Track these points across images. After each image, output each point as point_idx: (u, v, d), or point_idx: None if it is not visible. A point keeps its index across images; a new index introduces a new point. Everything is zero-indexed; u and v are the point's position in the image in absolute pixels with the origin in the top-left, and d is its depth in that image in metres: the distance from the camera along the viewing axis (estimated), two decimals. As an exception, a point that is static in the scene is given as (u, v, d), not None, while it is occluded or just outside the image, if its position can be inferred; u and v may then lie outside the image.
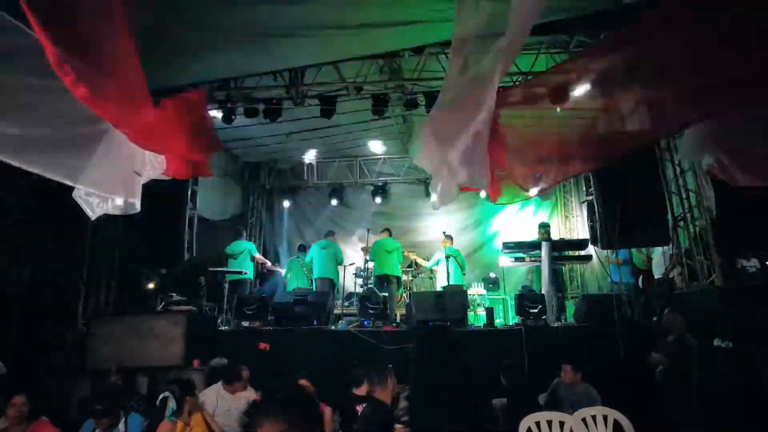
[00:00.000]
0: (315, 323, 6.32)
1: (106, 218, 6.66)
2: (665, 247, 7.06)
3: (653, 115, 3.38)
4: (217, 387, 4.55)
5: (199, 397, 4.54)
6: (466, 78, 3.42)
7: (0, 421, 3.83)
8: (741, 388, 4.21)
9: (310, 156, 11.05)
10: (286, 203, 11.58)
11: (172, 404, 3.34)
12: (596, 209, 6.40)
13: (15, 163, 3.29)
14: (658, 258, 7.46)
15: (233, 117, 7.53)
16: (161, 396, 3.59)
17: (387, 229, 8.88)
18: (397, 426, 3.27)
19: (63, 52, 2.57)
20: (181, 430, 3.49)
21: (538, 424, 3.94)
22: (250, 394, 4.65)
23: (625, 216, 5.92)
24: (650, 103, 3.37)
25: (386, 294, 7.33)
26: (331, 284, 8.20)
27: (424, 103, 7.32)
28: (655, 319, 6.27)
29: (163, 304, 7.41)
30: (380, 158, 11.22)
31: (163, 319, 5.97)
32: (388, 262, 8.31)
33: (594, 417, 4.05)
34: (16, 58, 2.99)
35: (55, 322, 6.48)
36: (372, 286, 8.09)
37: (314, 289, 8.15)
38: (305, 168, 11.47)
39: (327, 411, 3.99)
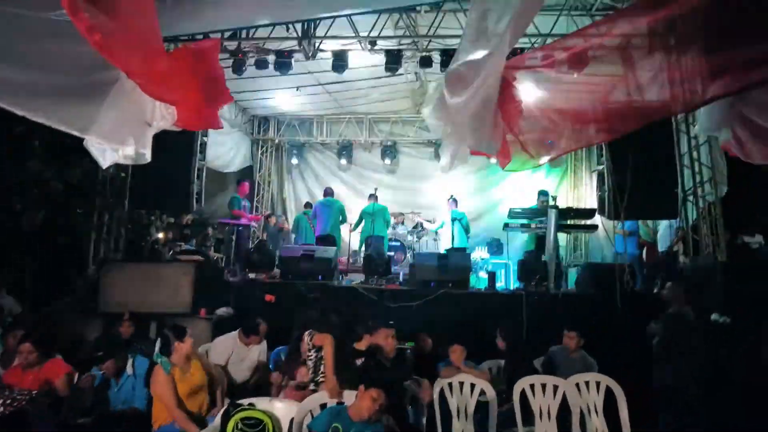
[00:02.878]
0: (320, 278, 6.43)
1: (116, 167, 6.78)
2: (671, 221, 7.04)
3: (673, 89, 3.29)
4: (234, 336, 4.61)
5: (214, 345, 4.63)
6: (480, 39, 3.31)
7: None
8: (735, 362, 4.30)
9: (319, 111, 10.92)
10: (294, 159, 11.53)
11: (158, 347, 3.29)
12: (606, 179, 6.34)
13: (22, 113, 3.12)
14: (663, 231, 7.45)
15: (244, 68, 7.41)
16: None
17: (373, 195, 8.98)
18: None
19: (78, -2, 2.49)
20: (179, 377, 3.37)
21: (532, 386, 4.04)
22: (263, 347, 4.73)
23: (634, 187, 5.87)
24: (671, 77, 3.28)
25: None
26: (333, 242, 8.24)
27: (439, 62, 7.14)
28: (655, 290, 6.34)
29: (171, 252, 7.54)
30: (390, 118, 11.06)
31: (171, 268, 6.10)
32: (375, 225, 8.50)
33: (587, 383, 4.16)
34: (27, 2, 2.90)
35: (68, 266, 6.63)
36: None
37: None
38: (314, 124, 11.35)
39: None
